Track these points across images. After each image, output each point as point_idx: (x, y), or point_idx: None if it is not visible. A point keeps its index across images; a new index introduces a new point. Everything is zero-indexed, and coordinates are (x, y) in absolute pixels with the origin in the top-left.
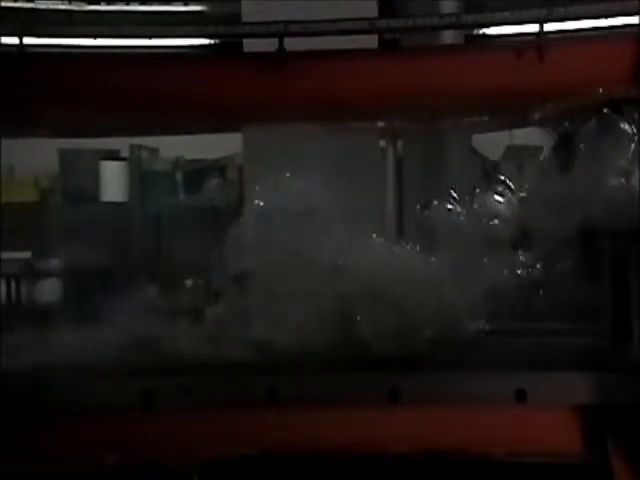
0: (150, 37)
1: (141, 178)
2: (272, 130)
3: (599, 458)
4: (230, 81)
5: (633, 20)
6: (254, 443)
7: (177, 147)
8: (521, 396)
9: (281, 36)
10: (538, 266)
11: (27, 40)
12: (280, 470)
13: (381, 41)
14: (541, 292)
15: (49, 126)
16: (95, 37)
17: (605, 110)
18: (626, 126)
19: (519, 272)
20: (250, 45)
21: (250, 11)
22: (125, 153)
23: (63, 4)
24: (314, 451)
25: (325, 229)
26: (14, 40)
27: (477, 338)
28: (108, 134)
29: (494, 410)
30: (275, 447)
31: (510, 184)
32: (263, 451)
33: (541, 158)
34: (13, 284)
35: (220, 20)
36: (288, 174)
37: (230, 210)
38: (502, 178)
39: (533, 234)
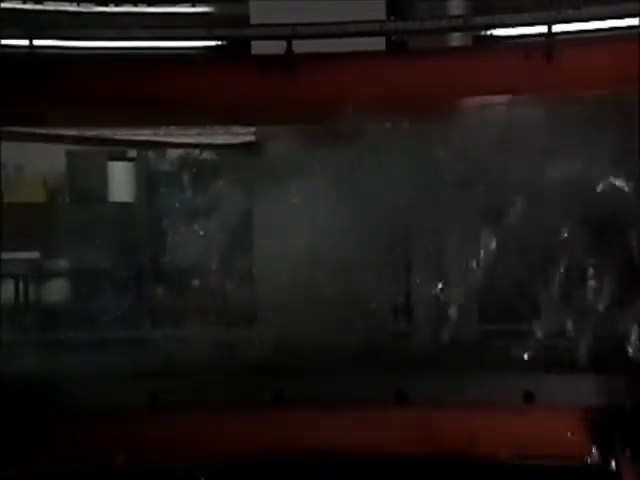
0: (158, 39)
1: (149, 178)
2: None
3: (606, 461)
4: (237, 83)
5: None
6: (261, 445)
7: None
8: (529, 399)
9: (289, 38)
10: None
11: (36, 42)
12: (287, 472)
13: (389, 43)
14: None
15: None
16: (103, 39)
17: None
18: None
19: None
20: (258, 47)
21: (258, 13)
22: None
23: (71, 6)
24: (321, 454)
25: None
26: (24, 42)
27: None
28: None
29: (501, 412)
30: (282, 449)
31: None
32: (270, 454)
33: None
34: (21, 284)
35: (228, 22)
36: None
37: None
38: None
39: None
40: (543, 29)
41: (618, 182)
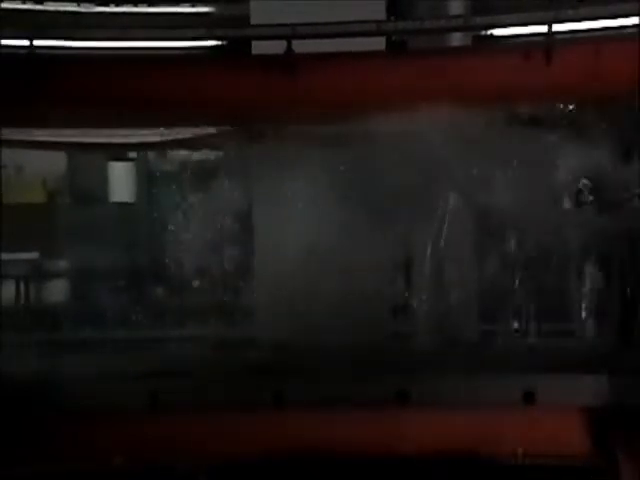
0: (158, 39)
1: (149, 179)
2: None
3: (607, 460)
4: (238, 83)
5: None
6: (261, 445)
7: None
8: (529, 399)
9: (289, 38)
10: None
11: (37, 42)
12: (287, 472)
13: (389, 43)
14: None
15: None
16: (103, 39)
17: None
18: None
19: None
20: (258, 47)
21: (258, 13)
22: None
23: (71, 6)
24: (321, 454)
25: None
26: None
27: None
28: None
29: (502, 412)
30: (282, 449)
31: None
32: (270, 453)
33: None
34: (22, 285)
35: (228, 22)
36: None
37: None
38: None
39: None
40: (543, 29)
41: None
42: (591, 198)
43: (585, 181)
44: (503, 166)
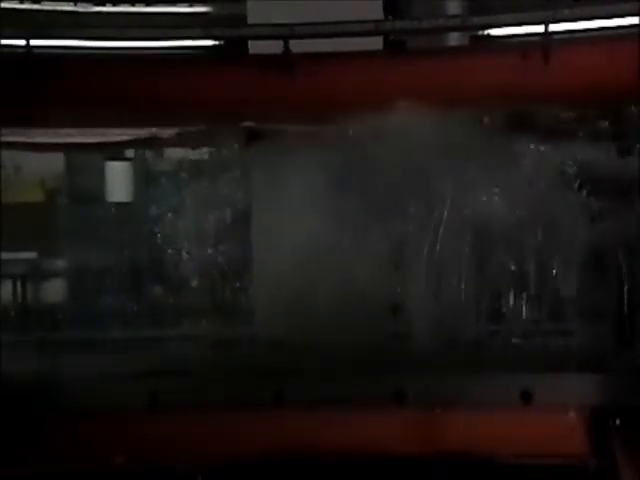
0: (155, 39)
1: (146, 178)
2: None
3: (605, 460)
4: (235, 83)
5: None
6: (261, 445)
7: None
8: (527, 398)
9: (286, 38)
10: None
11: (34, 42)
12: (287, 472)
13: (386, 42)
14: None
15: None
16: (101, 39)
17: None
18: None
19: None
20: (255, 47)
21: (256, 12)
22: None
23: (69, 5)
24: (321, 454)
25: None
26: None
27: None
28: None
29: (499, 412)
30: (282, 449)
31: None
32: (270, 454)
33: None
34: (19, 284)
35: (225, 22)
36: None
37: None
38: None
39: None
40: (541, 29)
41: None
42: (589, 197)
43: (583, 179)
44: (500, 165)
